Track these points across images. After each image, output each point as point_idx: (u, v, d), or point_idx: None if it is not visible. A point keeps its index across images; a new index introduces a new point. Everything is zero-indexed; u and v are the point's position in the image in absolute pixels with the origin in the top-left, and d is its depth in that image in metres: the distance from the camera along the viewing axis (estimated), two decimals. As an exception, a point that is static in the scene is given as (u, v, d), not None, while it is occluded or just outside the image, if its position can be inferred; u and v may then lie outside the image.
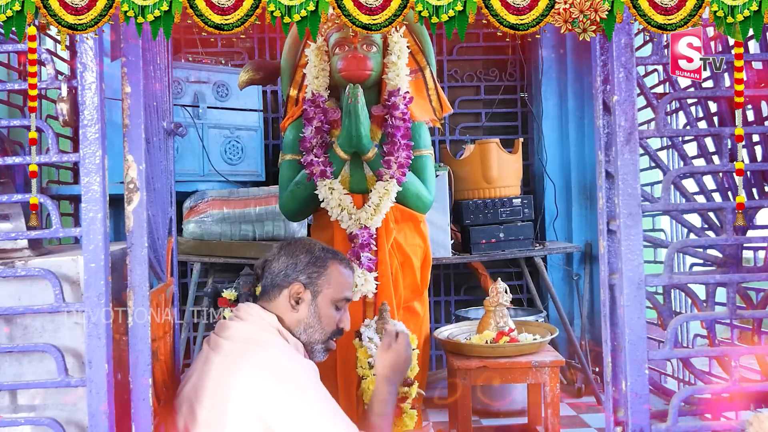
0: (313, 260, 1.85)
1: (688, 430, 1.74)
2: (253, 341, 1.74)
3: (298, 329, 1.82)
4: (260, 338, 1.75)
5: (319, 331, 1.83)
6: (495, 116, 4.22)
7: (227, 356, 1.71)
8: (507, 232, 3.52)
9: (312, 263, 1.84)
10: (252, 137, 3.73)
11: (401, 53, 2.49)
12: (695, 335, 3.28)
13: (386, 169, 2.42)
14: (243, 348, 1.71)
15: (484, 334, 2.55)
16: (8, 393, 1.66)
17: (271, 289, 1.84)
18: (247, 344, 1.73)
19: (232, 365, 1.68)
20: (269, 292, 1.85)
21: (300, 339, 1.82)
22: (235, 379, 1.65)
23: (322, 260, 1.86)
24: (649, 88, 2.46)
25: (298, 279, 1.83)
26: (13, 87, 1.98)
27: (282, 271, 1.84)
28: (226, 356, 1.71)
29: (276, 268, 1.85)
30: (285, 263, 1.85)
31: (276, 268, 1.85)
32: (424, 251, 2.59)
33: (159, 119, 1.86)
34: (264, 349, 1.71)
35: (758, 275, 2.03)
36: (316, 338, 1.84)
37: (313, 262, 1.85)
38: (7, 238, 1.70)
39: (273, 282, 1.84)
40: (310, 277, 1.83)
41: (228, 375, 1.67)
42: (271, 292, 1.84)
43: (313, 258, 1.85)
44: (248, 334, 1.76)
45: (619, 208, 1.67)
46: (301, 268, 1.84)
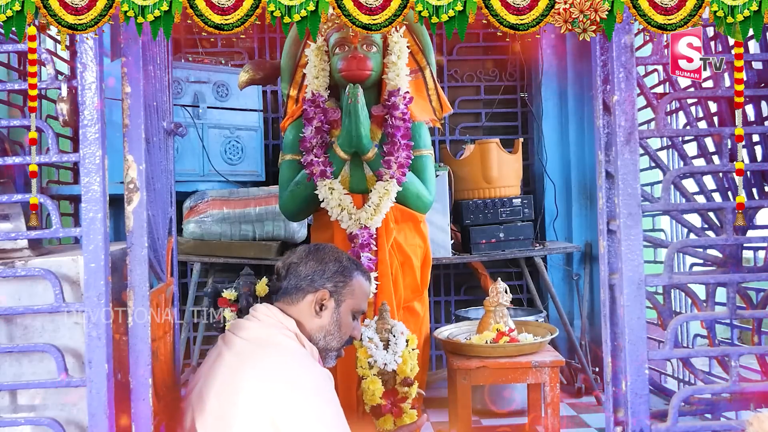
0: (340, 269, 1.86)
1: (688, 430, 1.74)
2: (268, 342, 1.74)
3: (318, 335, 1.83)
4: (276, 340, 1.75)
5: (337, 339, 1.85)
6: (495, 116, 4.22)
7: (240, 354, 1.71)
8: (507, 232, 3.51)
9: (339, 272, 1.85)
10: (252, 137, 3.73)
11: (401, 53, 2.49)
12: (695, 335, 3.28)
13: (386, 169, 2.42)
14: (257, 348, 1.72)
15: (484, 334, 2.55)
16: (8, 393, 1.66)
17: (295, 292, 1.84)
18: (261, 345, 1.73)
19: (244, 362, 1.68)
20: (292, 294, 1.84)
21: (318, 345, 1.83)
22: (246, 376, 1.65)
23: (349, 270, 1.87)
24: (649, 88, 2.46)
25: (325, 286, 1.84)
26: (13, 87, 1.98)
27: (309, 276, 1.84)
28: (239, 354, 1.71)
29: (303, 271, 1.84)
30: (313, 268, 1.85)
31: (303, 272, 1.84)
32: (424, 251, 2.59)
33: (159, 119, 1.86)
34: (280, 353, 1.71)
35: (758, 275, 2.03)
36: (333, 345, 1.85)
37: (341, 272, 1.86)
38: (7, 238, 1.70)
39: (297, 285, 1.84)
40: (336, 286, 1.84)
41: (239, 372, 1.67)
42: (294, 294, 1.84)
43: (341, 267, 1.86)
44: (264, 335, 1.76)
45: (619, 208, 1.67)
46: (329, 275, 1.84)
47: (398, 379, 2.15)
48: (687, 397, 1.94)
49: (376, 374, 2.12)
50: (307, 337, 1.82)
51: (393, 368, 2.13)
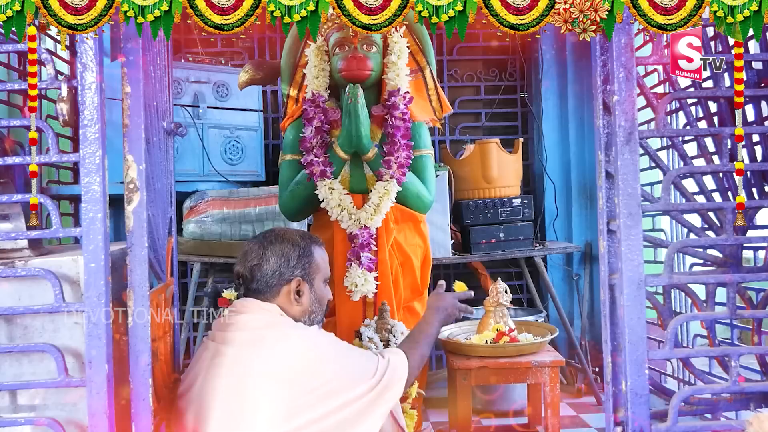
0: (301, 252, 1.86)
1: (688, 430, 1.74)
2: (266, 327, 1.75)
3: (302, 318, 1.85)
4: (272, 321, 1.77)
5: (320, 312, 1.90)
6: (495, 116, 4.22)
7: (242, 346, 1.71)
8: (507, 232, 3.51)
9: (302, 255, 1.86)
10: (252, 137, 3.73)
11: (401, 53, 2.49)
12: (695, 335, 3.28)
13: (386, 169, 2.42)
14: (259, 334, 1.73)
15: (484, 334, 2.55)
16: (8, 393, 1.66)
17: (267, 290, 1.83)
18: (262, 330, 1.74)
19: (250, 353, 1.69)
20: (264, 292, 1.83)
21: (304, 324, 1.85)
22: (255, 366, 1.66)
23: (308, 249, 1.88)
24: (649, 88, 2.46)
25: (294, 274, 1.84)
26: (13, 87, 1.98)
27: (276, 272, 1.83)
28: (241, 346, 1.71)
29: (268, 269, 1.83)
30: (277, 263, 1.84)
31: (268, 270, 1.83)
32: (424, 251, 2.59)
33: (159, 119, 1.86)
34: (280, 333, 1.73)
35: (758, 275, 2.03)
36: (317, 320, 1.89)
37: (303, 254, 1.86)
38: (7, 238, 1.70)
39: (268, 282, 1.83)
40: (304, 269, 1.86)
41: (246, 364, 1.67)
42: (268, 292, 1.83)
43: (300, 250, 1.87)
44: (259, 323, 1.77)
45: (619, 208, 1.67)
46: (294, 263, 1.85)
47: (398, 379, 2.14)
48: (687, 397, 1.94)
49: (376, 374, 2.12)
50: (293, 319, 1.83)
51: (393, 368, 2.12)
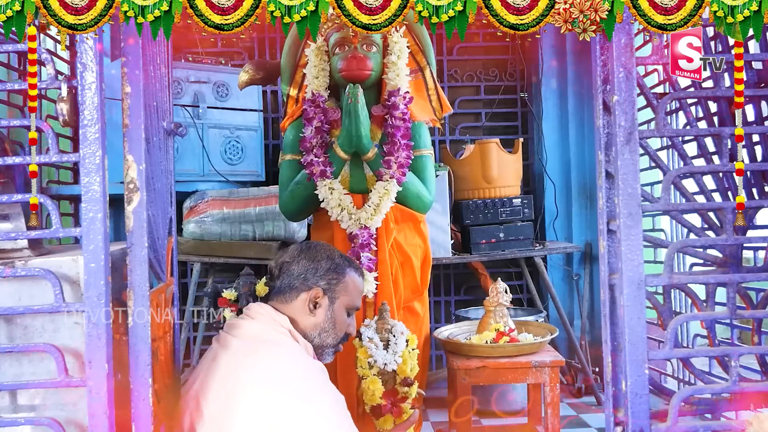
0: (333, 267, 1.88)
1: (688, 430, 1.74)
2: (262, 340, 1.75)
3: (312, 333, 1.85)
4: (270, 337, 1.76)
5: (332, 335, 1.87)
6: (495, 116, 4.22)
7: (235, 354, 1.72)
8: (507, 232, 3.52)
9: (332, 270, 1.87)
10: (252, 137, 3.73)
11: (401, 53, 2.49)
12: (695, 335, 3.28)
13: (386, 169, 2.42)
14: (251, 346, 1.73)
15: (484, 334, 2.55)
16: (8, 393, 1.66)
17: (288, 291, 1.85)
18: (256, 342, 1.74)
19: (240, 362, 1.69)
20: (285, 293, 1.86)
21: (312, 342, 1.85)
22: (242, 380, 1.65)
23: (341, 268, 1.89)
24: (649, 88, 2.46)
25: (318, 284, 1.86)
26: (13, 87, 1.98)
27: (302, 275, 1.86)
28: (235, 354, 1.72)
29: (295, 270, 1.86)
30: (305, 267, 1.86)
31: (295, 271, 1.86)
32: (424, 251, 2.59)
33: (159, 119, 1.86)
34: (273, 350, 1.72)
35: (758, 275, 2.03)
36: (328, 342, 1.87)
37: (333, 269, 1.88)
38: (7, 238, 1.70)
39: (291, 284, 1.85)
40: (329, 284, 1.87)
41: (235, 373, 1.67)
42: (288, 293, 1.85)
43: (334, 265, 1.88)
44: (258, 332, 1.77)
45: (619, 208, 1.67)
46: (321, 273, 1.86)
47: (398, 379, 2.15)
48: (687, 397, 1.94)
49: (376, 374, 2.12)
50: (302, 334, 1.83)
51: (393, 368, 2.13)
